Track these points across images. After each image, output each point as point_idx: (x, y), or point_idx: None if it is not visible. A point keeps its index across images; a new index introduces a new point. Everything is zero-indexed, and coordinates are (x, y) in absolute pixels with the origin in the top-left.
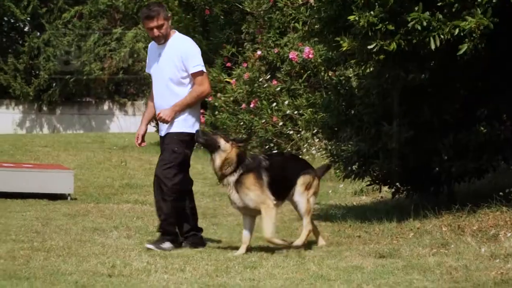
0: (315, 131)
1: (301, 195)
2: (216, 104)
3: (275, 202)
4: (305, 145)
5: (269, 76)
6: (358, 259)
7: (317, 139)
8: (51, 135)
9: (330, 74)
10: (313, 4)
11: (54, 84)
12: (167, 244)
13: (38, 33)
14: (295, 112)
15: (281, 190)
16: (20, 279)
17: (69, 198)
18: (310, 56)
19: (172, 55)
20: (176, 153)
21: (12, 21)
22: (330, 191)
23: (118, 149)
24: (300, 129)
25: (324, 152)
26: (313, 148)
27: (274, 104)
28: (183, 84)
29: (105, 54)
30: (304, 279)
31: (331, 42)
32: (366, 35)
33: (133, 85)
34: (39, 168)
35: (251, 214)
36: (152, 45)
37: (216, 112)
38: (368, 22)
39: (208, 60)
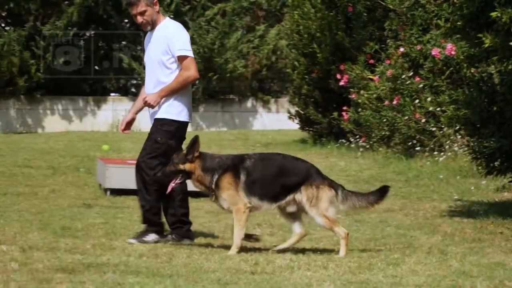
0: (458, 127)
1: (311, 212)
2: (359, 101)
3: (250, 204)
4: (447, 142)
5: (411, 73)
6: (500, 255)
7: (459, 136)
8: (194, 132)
9: (472, 71)
10: (455, 1)
11: (197, 82)
12: (151, 236)
13: None
14: (438, 109)
15: (270, 192)
16: (163, 277)
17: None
18: (453, 53)
19: (159, 40)
20: (158, 143)
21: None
22: (472, 188)
23: (261, 146)
24: (443, 126)
25: (466, 149)
26: (455, 145)
27: (417, 101)
28: (170, 69)
29: (248, 52)
30: (447, 276)
31: (473, 39)
32: (509, 32)
33: (276, 82)
34: None
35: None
36: (147, 34)
37: (360, 109)
38: (511, 18)
39: (351, 57)
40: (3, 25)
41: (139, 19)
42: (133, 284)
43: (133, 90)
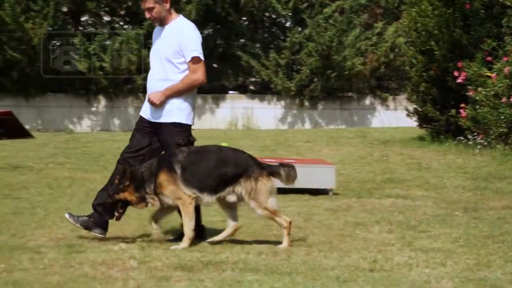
0: None
1: (251, 205)
2: (477, 98)
3: (194, 196)
4: None
5: None
6: None
7: None
8: (312, 130)
9: None
10: None
11: (315, 79)
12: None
13: (300, 28)
14: None
15: (209, 184)
16: (282, 274)
17: (330, 193)
18: None
19: (170, 38)
20: (181, 145)
21: (274, 16)
22: None
23: (380, 143)
24: None
25: None
26: None
27: None
28: (178, 69)
29: (366, 49)
30: None
31: None
32: None
33: (394, 80)
34: (301, 163)
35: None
36: (156, 28)
37: (477, 106)
38: None
39: (468, 54)
40: (121, 23)
41: (147, 14)
42: (252, 282)
43: (251, 87)
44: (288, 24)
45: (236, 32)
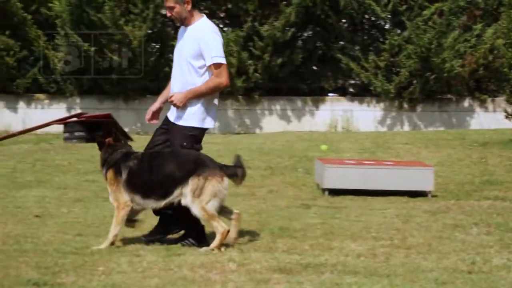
0: None
1: (192, 204)
2: None
3: (130, 202)
4: None
5: None
6: None
7: None
8: (411, 132)
9: None
10: None
11: (414, 81)
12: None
13: (399, 31)
14: None
15: (155, 190)
16: (380, 276)
17: (429, 195)
18: None
19: (191, 40)
20: (184, 147)
21: (373, 18)
22: None
23: (479, 145)
24: None
25: None
26: None
27: None
28: (199, 72)
29: (465, 51)
30: None
31: None
32: None
33: (493, 82)
34: (400, 165)
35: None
36: (181, 28)
37: None
38: None
39: None
40: (221, 26)
41: (168, 13)
42: (351, 284)
43: (351, 90)
44: (387, 26)
45: (335, 35)
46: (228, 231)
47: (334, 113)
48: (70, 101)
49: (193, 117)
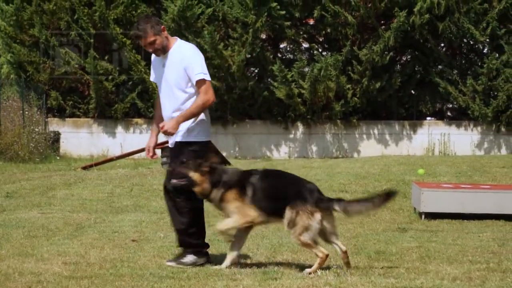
0: None
1: (291, 234)
2: None
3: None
4: None
5: None
6: None
7: None
8: (509, 155)
9: None
10: None
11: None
12: (189, 258)
13: (497, 54)
14: None
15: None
16: None
17: None
18: None
19: (175, 65)
20: (183, 162)
21: (471, 42)
22: None
23: None
24: None
25: None
26: None
27: None
28: (188, 93)
29: None
30: None
31: None
32: None
33: None
34: (497, 189)
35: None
36: (154, 57)
37: None
38: None
39: None
40: (320, 50)
41: (150, 49)
42: None
43: (448, 114)
44: (485, 50)
45: (434, 59)
46: (327, 256)
47: (432, 137)
48: None
49: (190, 132)
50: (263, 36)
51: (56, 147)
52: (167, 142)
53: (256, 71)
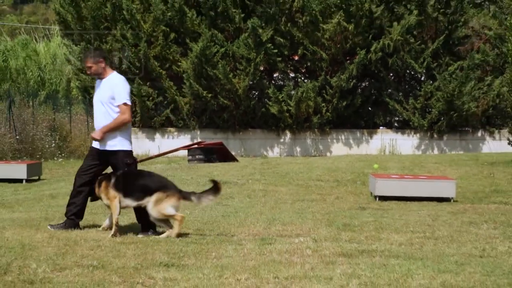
0: None
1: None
2: None
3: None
4: None
5: None
6: None
7: None
8: (439, 155)
9: None
10: None
11: (442, 118)
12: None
13: (431, 81)
14: None
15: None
16: (416, 259)
17: (452, 200)
18: None
19: (106, 89)
20: (128, 163)
21: (412, 73)
22: None
23: (488, 164)
24: None
25: None
26: None
27: None
28: (113, 110)
29: (479, 96)
30: None
31: None
32: None
33: (499, 118)
34: (431, 179)
35: None
36: (97, 81)
37: None
38: None
39: None
40: (302, 78)
41: (88, 71)
42: (394, 265)
43: (396, 124)
44: (422, 78)
45: (385, 84)
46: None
47: (383, 141)
48: (193, 133)
49: (123, 142)
50: (261, 68)
51: None
52: (193, 144)
53: (256, 93)
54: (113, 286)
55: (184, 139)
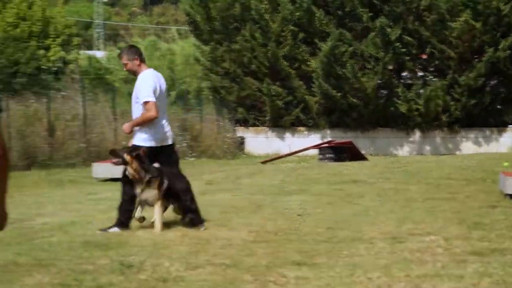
0: None
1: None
2: None
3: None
4: None
5: None
6: None
7: None
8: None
9: None
10: None
11: None
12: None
13: None
14: None
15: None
16: None
17: None
18: None
19: (136, 87)
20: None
21: None
22: None
23: None
24: None
25: None
26: None
27: None
28: (142, 108)
29: None
30: None
31: None
32: None
33: None
34: None
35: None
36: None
37: None
38: None
39: None
40: (431, 77)
41: (124, 68)
42: None
43: None
44: None
45: None
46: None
47: None
48: (323, 132)
49: (137, 138)
50: (390, 67)
51: (242, 148)
52: (324, 143)
53: (385, 92)
54: (246, 285)
55: (314, 138)
